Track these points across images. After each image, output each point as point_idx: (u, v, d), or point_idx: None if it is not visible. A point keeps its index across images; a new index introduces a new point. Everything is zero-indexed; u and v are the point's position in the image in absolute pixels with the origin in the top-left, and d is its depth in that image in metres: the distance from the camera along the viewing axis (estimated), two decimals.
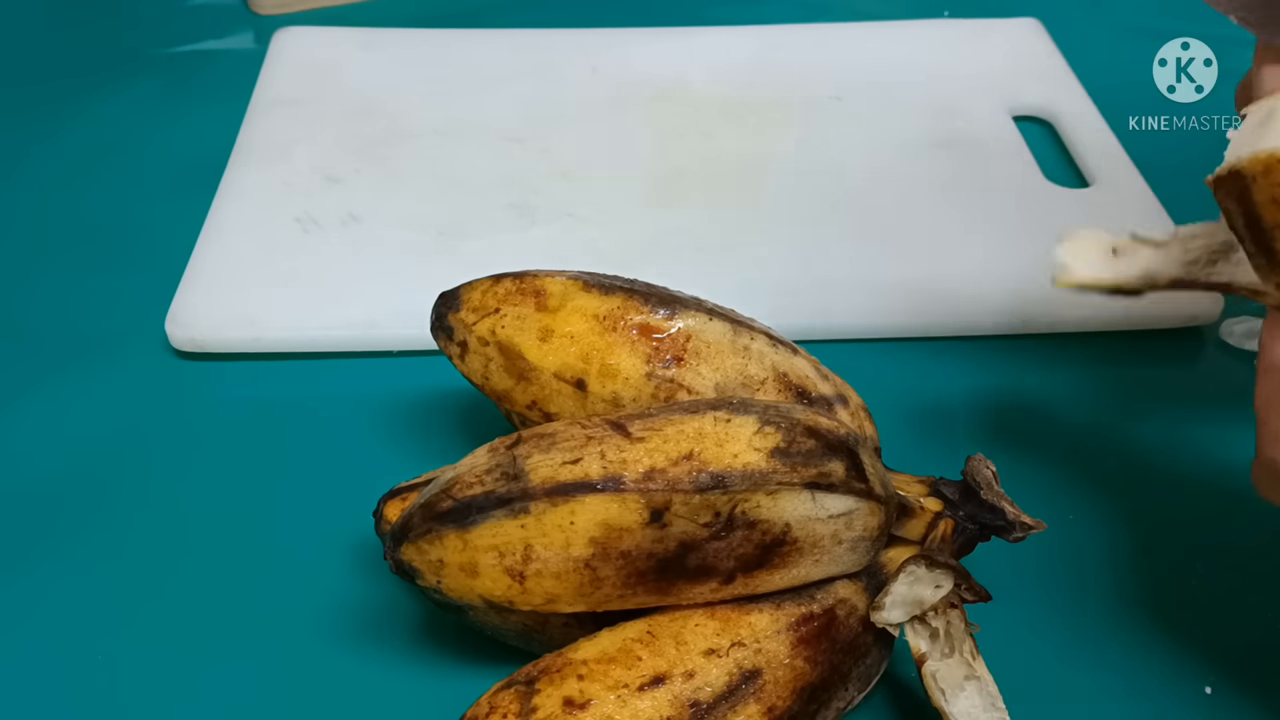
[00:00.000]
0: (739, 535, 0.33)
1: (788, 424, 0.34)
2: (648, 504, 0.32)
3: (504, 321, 0.39)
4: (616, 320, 0.38)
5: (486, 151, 0.62)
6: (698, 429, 0.33)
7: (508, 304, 0.39)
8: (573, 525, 0.32)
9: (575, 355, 0.38)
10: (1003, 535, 0.37)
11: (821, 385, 0.39)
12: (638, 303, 0.39)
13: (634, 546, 0.32)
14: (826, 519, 0.34)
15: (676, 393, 0.38)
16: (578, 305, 0.38)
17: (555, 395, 0.38)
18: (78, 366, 0.51)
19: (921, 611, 0.35)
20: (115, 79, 0.70)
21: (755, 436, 0.33)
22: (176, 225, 0.57)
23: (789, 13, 0.76)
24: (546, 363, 0.38)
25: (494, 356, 0.39)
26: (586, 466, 0.32)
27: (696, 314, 0.39)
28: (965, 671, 0.34)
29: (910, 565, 0.35)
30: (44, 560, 0.43)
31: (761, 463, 0.33)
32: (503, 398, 0.40)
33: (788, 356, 0.39)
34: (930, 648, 0.35)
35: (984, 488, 0.36)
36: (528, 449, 0.33)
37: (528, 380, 0.38)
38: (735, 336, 0.39)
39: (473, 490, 0.33)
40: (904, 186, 0.58)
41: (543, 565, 0.33)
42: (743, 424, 0.34)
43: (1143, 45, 0.56)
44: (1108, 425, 0.49)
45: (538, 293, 0.39)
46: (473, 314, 0.39)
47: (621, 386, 0.38)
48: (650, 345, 0.38)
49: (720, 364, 0.38)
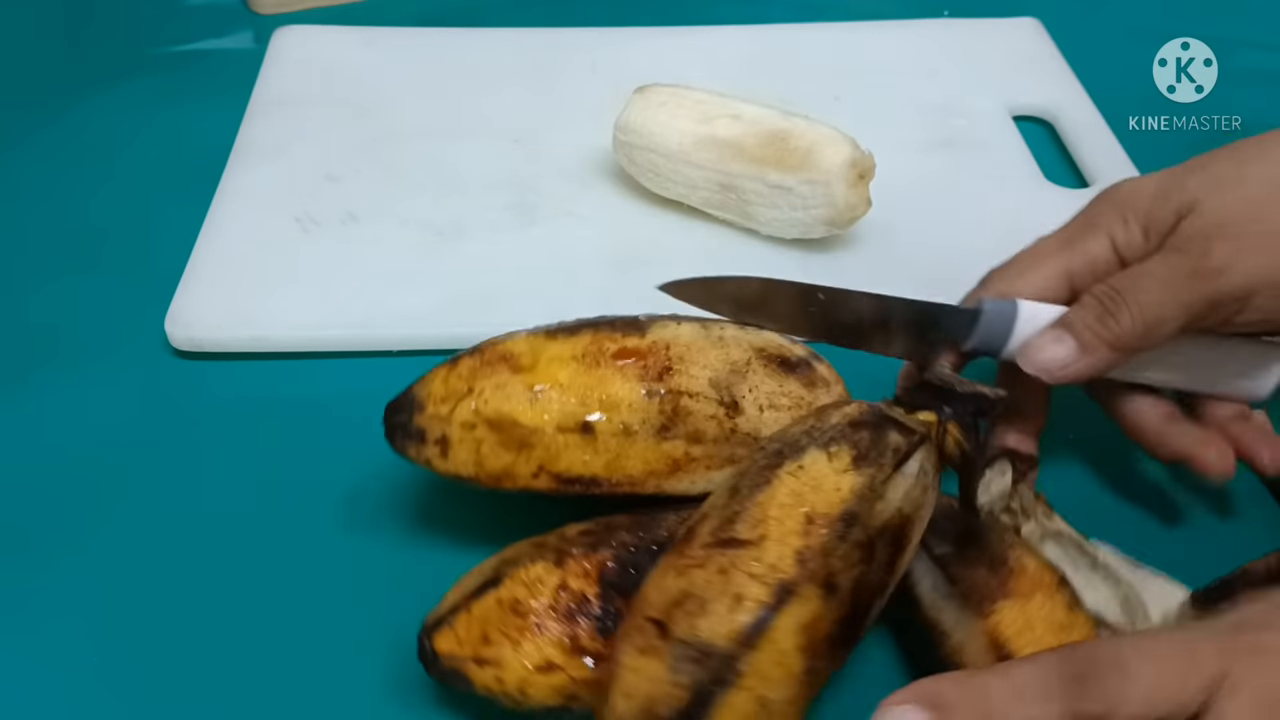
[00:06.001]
0: (881, 547, 0.33)
1: (837, 432, 0.34)
2: (819, 581, 0.32)
3: (484, 397, 0.37)
4: (596, 355, 0.38)
5: (486, 151, 0.62)
6: (791, 494, 0.33)
7: (479, 380, 0.38)
8: (781, 651, 0.31)
9: (573, 402, 0.37)
10: (987, 415, 0.38)
11: (796, 349, 0.40)
12: (606, 332, 0.38)
13: (829, 624, 0.32)
14: (915, 479, 0.34)
15: (679, 401, 0.37)
16: (553, 355, 0.38)
17: (563, 450, 0.37)
18: (78, 366, 0.51)
19: (1007, 497, 0.37)
20: (115, 78, 0.70)
21: (833, 463, 0.33)
22: (176, 225, 0.57)
23: (789, 13, 0.76)
24: (545, 421, 0.37)
25: (485, 437, 0.37)
26: (751, 595, 0.31)
27: (665, 323, 0.39)
28: (1044, 529, 0.40)
29: (986, 473, 0.37)
30: (44, 559, 0.43)
31: (859, 479, 0.33)
32: (503, 477, 0.38)
33: (757, 333, 0.40)
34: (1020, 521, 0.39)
35: (955, 384, 0.37)
36: (686, 626, 0.31)
37: (530, 446, 0.37)
38: (707, 331, 0.39)
39: (677, 702, 0.31)
40: (904, 186, 0.58)
41: (781, 705, 0.32)
42: (814, 461, 0.33)
43: (1143, 45, 0.56)
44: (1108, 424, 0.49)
45: (505, 357, 0.38)
46: (443, 405, 0.38)
47: (627, 414, 0.37)
48: (637, 366, 0.38)
49: (705, 360, 0.38)
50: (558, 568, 0.36)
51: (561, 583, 0.36)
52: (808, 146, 0.53)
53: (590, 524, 0.39)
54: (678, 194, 0.57)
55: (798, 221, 0.54)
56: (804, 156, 0.53)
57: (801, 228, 0.55)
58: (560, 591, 0.36)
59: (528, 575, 0.36)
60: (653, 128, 0.56)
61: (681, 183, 0.56)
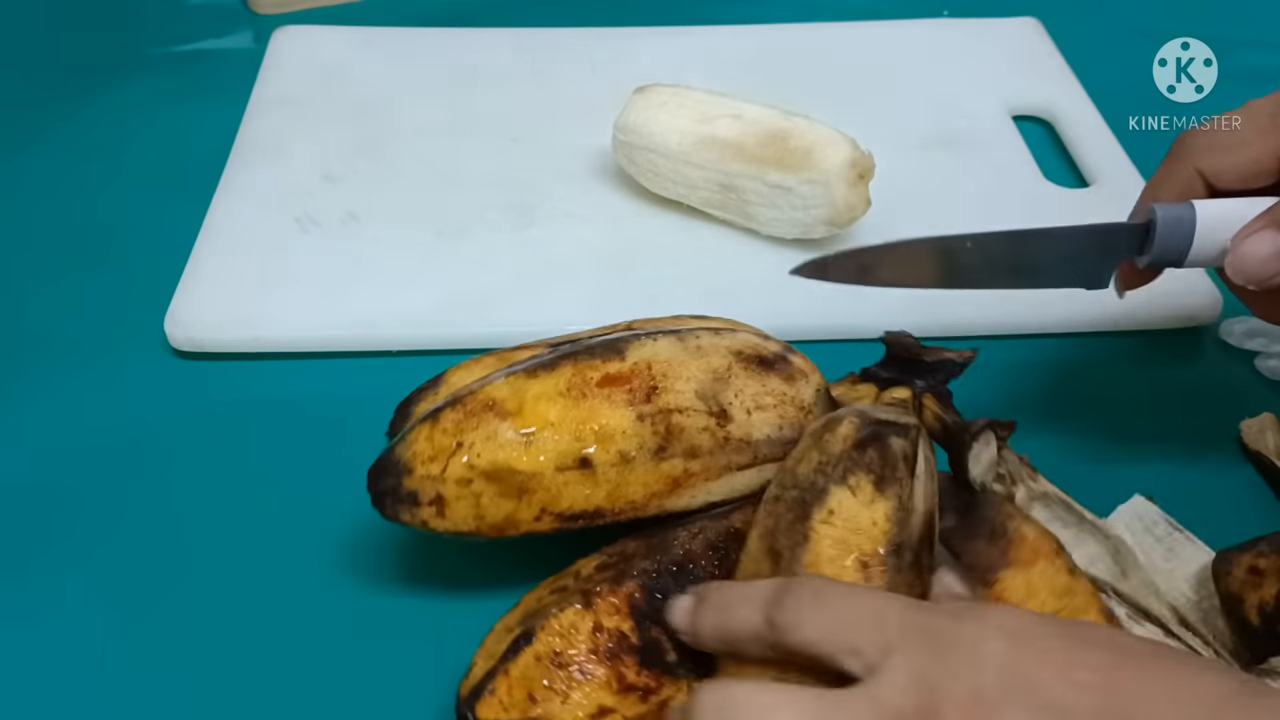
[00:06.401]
0: (925, 555, 0.34)
1: (848, 461, 0.34)
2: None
3: (476, 450, 0.36)
4: (580, 386, 0.37)
5: (486, 151, 0.62)
6: (834, 543, 0.33)
7: (466, 433, 0.37)
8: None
9: (567, 439, 0.37)
10: (956, 378, 0.38)
11: (771, 345, 0.40)
12: (586, 361, 0.38)
13: None
14: (926, 476, 0.35)
15: (670, 419, 0.37)
16: (537, 394, 0.37)
17: (564, 489, 0.37)
18: (77, 366, 0.51)
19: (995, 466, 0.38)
20: (115, 78, 0.70)
21: (858, 498, 0.33)
22: (176, 225, 0.57)
23: (789, 13, 0.76)
24: (542, 463, 0.37)
25: (483, 489, 0.37)
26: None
27: (641, 341, 0.39)
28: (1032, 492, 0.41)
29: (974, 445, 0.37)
30: (43, 558, 0.43)
31: (888, 503, 0.33)
32: (505, 526, 0.38)
33: (730, 336, 0.40)
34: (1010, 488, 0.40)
35: (921, 353, 0.38)
36: None
37: (530, 491, 0.37)
38: (683, 343, 0.39)
39: None
40: (904, 186, 0.58)
41: None
42: (840, 501, 0.33)
43: (1143, 45, 0.56)
44: (1107, 424, 0.49)
45: (489, 405, 0.37)
46: (432, 464, 0.37)
47: (623, 441, 0.37)
48: (624, 391, 0.37)
49: (688, 373, 0.38)
50: (588, 610, 0.36)
51: (595, 624, 0.35)
52: (807, 146, 0.53)
53: (602, 556, 0.38)
54: (677, 194, 0.57)
55: (798, 221, 0.54)
56: (804, 156, 0.53)
57: (801, 228, 0.55)
58: (596, 633, 0.35)
59: (560, 624, 0.35)
60: (652, 128, 0.56)
61: (681, 183, 0.56)
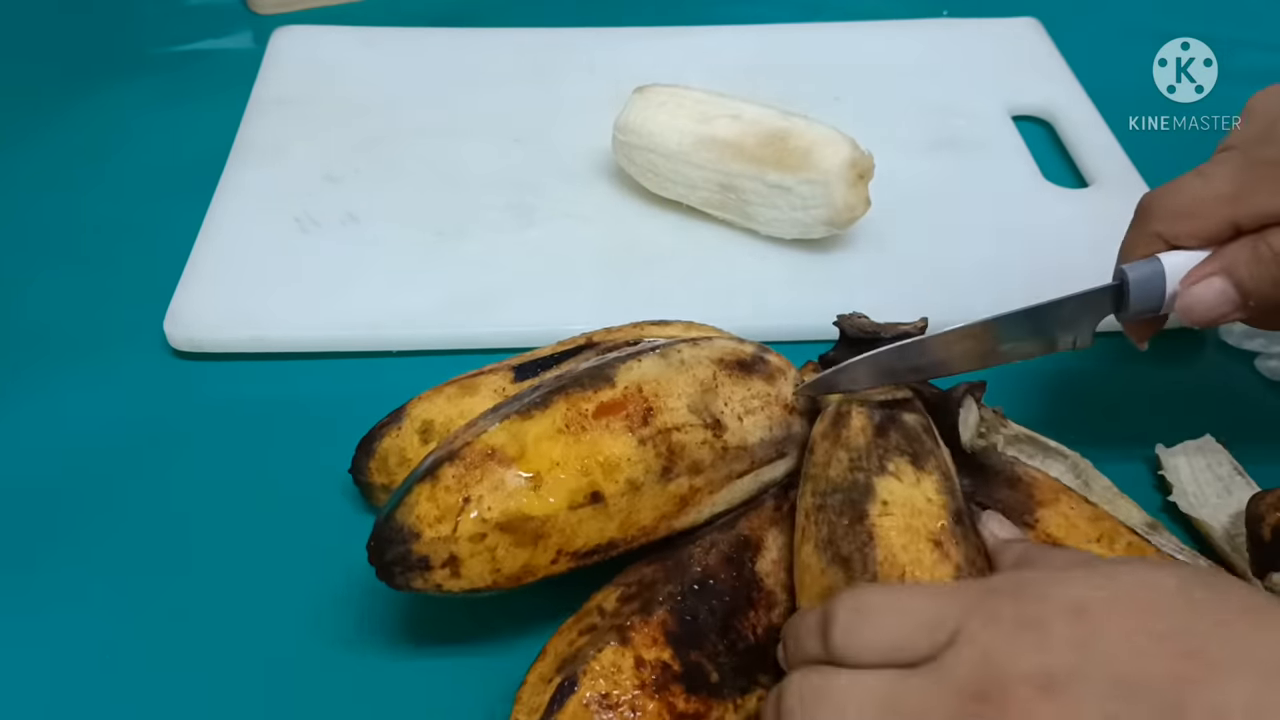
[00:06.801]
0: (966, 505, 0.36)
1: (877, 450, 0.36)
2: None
3: (485, 503, 0.35)
4: (578, 420, 0.37)
5: (486, 151, 0.62)
6: (902, 532, 0.34)
7: (471, 486, 0.35)
8: None
9: (575, 475, 0.36)
10: None
11: (747, 348, 0.41)
12: (577, 393, 0.37)
13: None
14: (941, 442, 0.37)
15: (670, 438, 0.37)
16: (537, 434, 0.36)
17: (578, 527, 0.36)
18: (77, 366, 0.51)
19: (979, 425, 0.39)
20: (115, 78, 0.70)
21: (904, 480, 0.35)
22: (175, 224, 0.57)
23: (789, 13, 0.76)
24: (554, 505, 0.36)
25: (498, 542, 0.36)
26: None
27: (628, 364, 0.38)
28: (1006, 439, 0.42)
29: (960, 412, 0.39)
30: (42, 559, 0.43)
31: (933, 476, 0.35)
32: (521, 575, 0.37)
33: (708, 345, 0.40)
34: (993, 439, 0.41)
35: (879, 329, 0.39)
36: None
37: (545, 536, 0.36)
38: (667, 360, 0.39)
39: None
40: (904, 186, 0.58)
41: None
42: (889, 490, 0.35)
43: (1143, 45, 0.56)
44: (1108, 424, 0.49)
45: (489, 454, 0.36)
46: (440, 525, 0.35)
47: (629, 469, 0.37)
48: (621, 418, 0.37)
49: (678, 389, 0.38)
50: (625, 646, 0.35)
51: (637, 659, 0.35)
52: (807, 146, 0.53)
53: (620, 588, 0.38)
54: (677, 194, 0.57)
55: (797, 221, 0.54)
56: (803, 156, 0.53)
57: (801, 228, 0.55)
58: (639, 668, 0.35)
59: (601, 665, 0.35)
60: (652, 128, 0.56)
61: (681, 183, 0.56)
